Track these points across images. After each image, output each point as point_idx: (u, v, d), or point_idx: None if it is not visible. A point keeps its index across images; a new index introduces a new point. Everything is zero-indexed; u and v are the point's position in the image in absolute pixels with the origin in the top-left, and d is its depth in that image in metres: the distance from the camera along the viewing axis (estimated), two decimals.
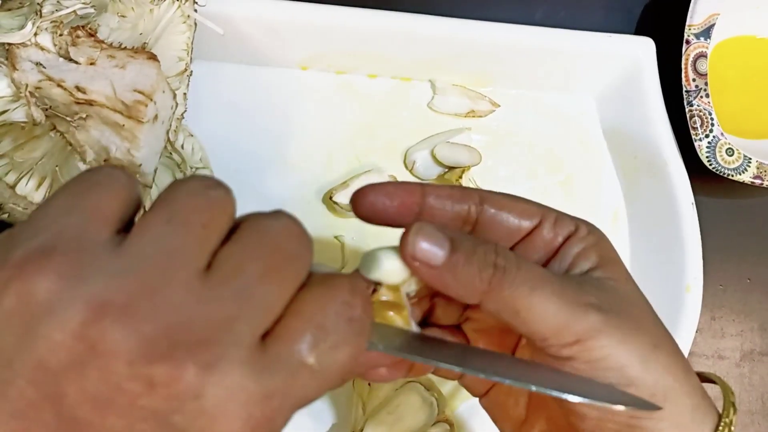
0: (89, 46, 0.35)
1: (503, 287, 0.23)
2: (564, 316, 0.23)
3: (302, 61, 0.44)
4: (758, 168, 0.45)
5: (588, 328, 0.23)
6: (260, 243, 0.19)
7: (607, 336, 0.23)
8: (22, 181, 0.35)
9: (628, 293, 0.26)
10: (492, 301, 0.23)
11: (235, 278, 0.18)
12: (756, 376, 0.48)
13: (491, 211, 0.26)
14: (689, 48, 0.45)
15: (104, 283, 0.16)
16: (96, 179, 0.19)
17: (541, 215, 0.26)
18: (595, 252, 0.26)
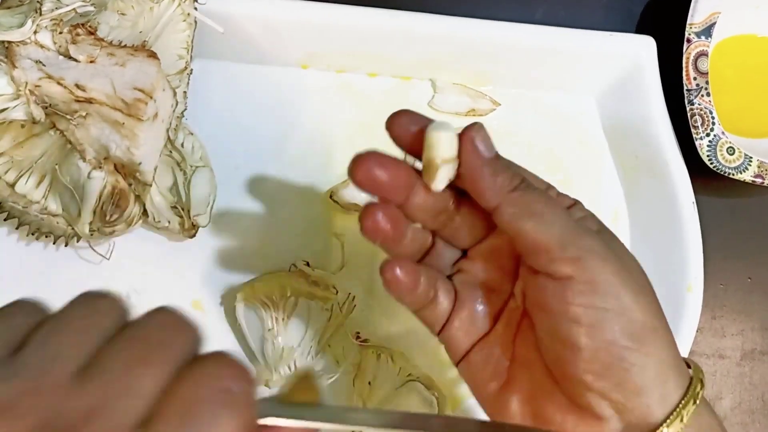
0: (89, 44, 0.34)
1: (526, 192, 0.27)
2: (570, 230, 0.26)
3: (302, 60, 0.44)
4: (759, 167, 0.45)
5: (590, 247, 0.25)
6: (129, 336, 0.20)
7: (605, 261, 0.25)
8: (21, 180, 0.35)
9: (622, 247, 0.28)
10: (512, 203, 0.27)
11: (103, 372, 0.19)
12: (757, 375, 0.48)
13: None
14: (690, 47, 0.45)
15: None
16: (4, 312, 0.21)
17: (545, 184, 0.30)
18: (594, 221, 0.28)
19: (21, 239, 0.40)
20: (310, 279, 0.40)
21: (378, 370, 0.40)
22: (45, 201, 0.36)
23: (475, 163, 0.27)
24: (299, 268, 0.41)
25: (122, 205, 0.36)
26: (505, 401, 0.29)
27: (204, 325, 0.40)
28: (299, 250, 0.42)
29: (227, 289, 0.41)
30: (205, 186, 0.40)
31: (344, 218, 0.43)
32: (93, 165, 0.35)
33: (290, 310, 0.39)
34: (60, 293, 0.42)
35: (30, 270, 0.40)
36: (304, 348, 0.40)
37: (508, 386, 0.29)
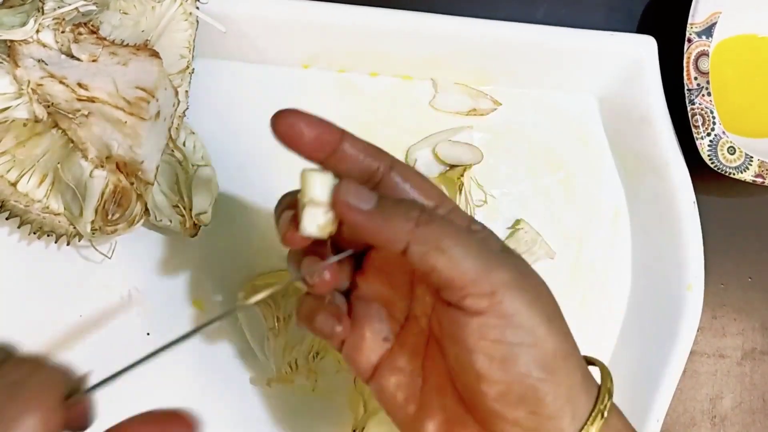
0: (91, 43, 0.35)
1: (430, 225, 0.24)
2: (483, 264, 0.24)
3: (304, 59, 0.44)
4: (760, 166, 0.45)
5: (503, 281, 0.25)
6: None
7: (519, 293, 0.25)
8: (23, 179, 0.35)
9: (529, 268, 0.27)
10: (418, 241, 0.24)
11: None
12: (757, 374, 0.48)
13: (396, 179, 0.27)
14: (691, 46, 0.45)
15: None
16: None
17: (438, 201, 0.27)
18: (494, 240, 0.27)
19: (23, 238, 0.40)
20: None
21: None
22: (47, 200, 0.36)
23: (360, 218, 0.25)
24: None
25: (124, 204, 0.36)
26: (421, 426, 0.28)
27: None
28: None
29: (228, 288, 0.41)
30: (206, 185, 0.40)
31: None
32: (95, 164, 0.35)
33: (291, 308, 0.39)
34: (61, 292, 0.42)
35: (31, 269, 0.40)
36: (305, 347, 0.40)
37: (422, 410, 0.28)
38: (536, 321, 0.25)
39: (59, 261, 0.40)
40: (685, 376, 0.45)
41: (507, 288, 0.25)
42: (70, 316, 0.40)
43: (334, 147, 0.26)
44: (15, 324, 0.39)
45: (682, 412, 0.47)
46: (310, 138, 0.26)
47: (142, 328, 0.40)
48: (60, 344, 0.39)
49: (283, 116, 0.26)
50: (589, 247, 0.47)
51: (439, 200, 0.27)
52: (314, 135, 0.26)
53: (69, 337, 0.40)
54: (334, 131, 0.27)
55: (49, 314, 0.39)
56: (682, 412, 0.47)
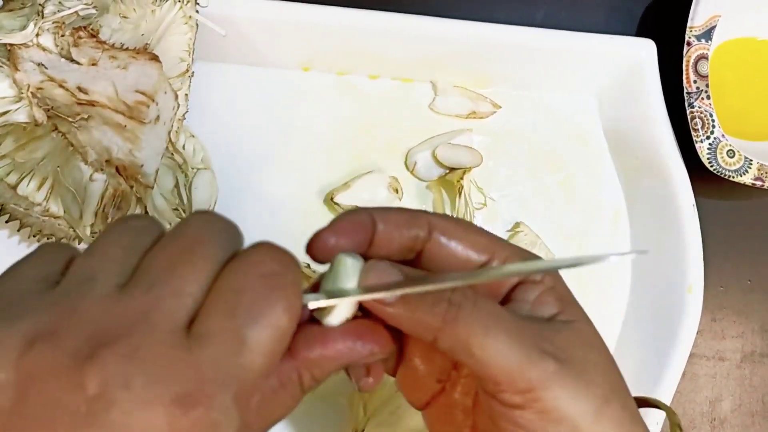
0: (91, 46, 0.35)
1: (457, 324, 0.22)
2: (518, 360, 0.22)
3: (303, 62, 0.44)
4: (759, 169, 0.45)
5: (542, 377, 0.22)
6: (168, 241, 0.20)
7: (561, 387, 0.22)
8: (23, 182, 0.35)
9: (588, 337, 0.25)
10: (446, 338, 0.23)
11: (145, 277, 0.19)
12: (757, 377, 0.48)
13: (440, 239, 0.25)
14: (690, 50, 0.45)
15: (33, 319, 0.18)
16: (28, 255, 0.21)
17: (491, 252, 0.25)
18: (553, 296, 0.25)
19: (23, 241, 0.40)
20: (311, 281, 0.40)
21: None
22: (47, 203, 0.36)
23: (384, 311, 0.23)
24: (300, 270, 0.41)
25: (124, 208, 0.36)
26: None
27: None
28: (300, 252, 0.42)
29: None
30: (206, 188, 0.40)
31: None
32: (95, 167, 0.35)
33: None
34: None
35: None
36: None
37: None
38: (581, 411, 0.23)
39: None
40: (684, 379, 0.45)
41: (548, 383, 0.22)
42: None
43: (370, 237, 0.24)
44: None
45: (682, 415, 0.47)
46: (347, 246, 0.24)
47: None
48: None
49: (315, 244, 0.24)
50: (589, 249, 0.47)
51: (491, 251, 0.25)
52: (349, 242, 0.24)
53: None
54: (364, 224, 0.24)
55: None
56: (681, 415, 0.47)
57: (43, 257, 0.20)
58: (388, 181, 0.44)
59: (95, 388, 0.17)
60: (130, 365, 0.17)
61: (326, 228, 0.24)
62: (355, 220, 0.24)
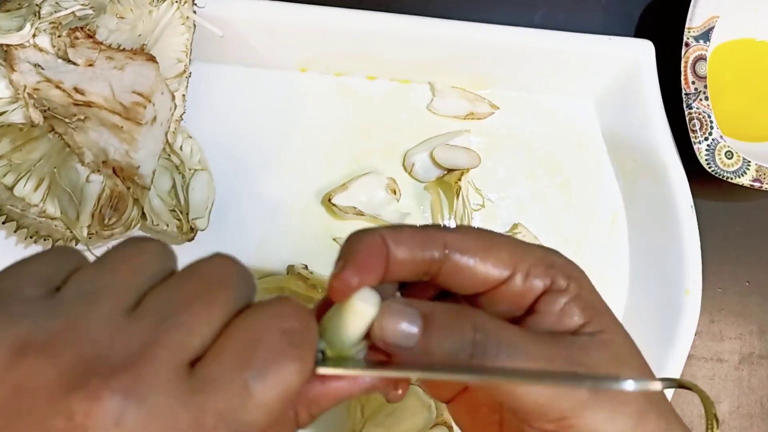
0: (88, 47, 0.35)
1: (485, 360, 0.21)
2: (550, 395, 0.21)
3: (301, 63, 0.44)
4: (757, 171, 0.45)
5: (575, 405, 0.22)
6: (188, 277, 0.19)
7: (594, 412, 0.22)
8: (20, 183, 0.35)
9: (619, 349, 0.24)
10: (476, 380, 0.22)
11: (157, 309, 0.18)
12: (755, 379, 0.48)
13: (456, 257, 0.23)
14: (688, 51, 0.45)
15: (28, 325, 0.17)
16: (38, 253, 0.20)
17: (512, 267, 0.23)
18: (578, 306, 0.24)
19: (19, 242, 0.40)
20: (308, 282, 0.40)
21: None
22: (43, 204, 0.36)
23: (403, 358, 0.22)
24: (298, 271, 0.41)
25: (120, 209, 0.36)
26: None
27: None
28: (297, 254, 0.42)
29: None
30: (203, 189, 0.40)
31: (342, 222, 0.43)
32: (91, 168, 0.35)
33: None
34: None
35: None
36: None
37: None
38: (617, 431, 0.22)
39: None
40: None
41: (580, 411, 0.22)
42: None
43: (386, 262, 0.23)
44: None
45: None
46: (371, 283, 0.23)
47: None
48: None
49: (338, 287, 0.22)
50: (587, 251, 0.47)
51: (512, 266, 0.23)
52: (371, 278, 0.22)
53: None
54: (380, 252, 0.23)
55: None
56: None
57: (51, 258, 0.19)
58: (386, 183, 0.44)
59: (83, 418, 0.16)
60: (125, 401, 0.16)
61: (346, 266, 0.22)
62: (370, 250, 0.23)
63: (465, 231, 0.24)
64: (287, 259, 0.42)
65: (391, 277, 0.23)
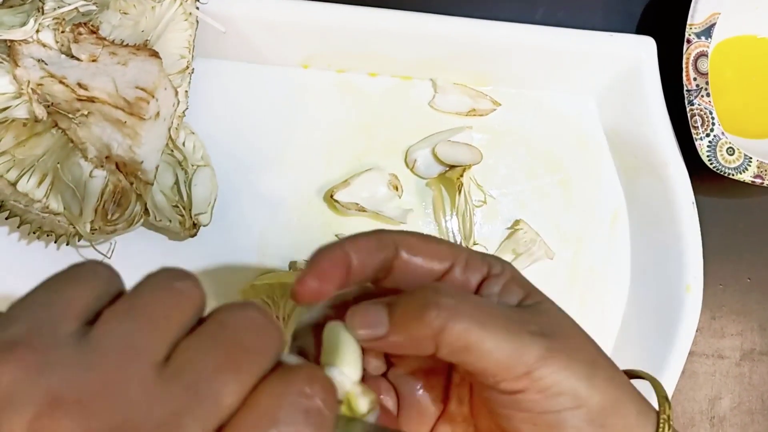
0: (91, 43, 0.35)
1: (454, 325, 0.23)
2: (515, 348, 0.23)
3: (303, 60, 0.44)
4: (759, 167, 0.45)
5: (536, 357, 0.23)
6: (219, 336, 0.19)
7: (554, 361, 0.24)
8: (23, 178, 0.35)
9: (558, 313, 0.26)
10: (445, 343, 0.23)
11: (188, 372, 0.18)
12: (756, 375, 0.48)
13: (405, 255, 0.26)
14: (690, 47, 0.45)
15: (61, 377, 0.17)
16: (74, 274, 0.20)
17: (452, 258, 0.26)
18: (516, 284, 0.26)
19: (22, 238, 0.40)
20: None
21: None
22: (46, 200, 0.36)
23: (382, 344, 0.24)
24: (300, 267, 0.41)
25: (123, 204, 0.36)
26: None
27: None
28: (299, 250, 0.43)
29: (228, 288, 0.41)
30: (206, 185, 0.40)
31: (344, 218, 0.43)
32: (95, 164, 0.35)
33: (291, 309, 0.39)
34: None
35: (31, 269, 0.40)
36: None
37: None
38: (576, 382, 0.24)
39: (59, 261, 0.40)
40: (683, 377, 0.45)
41: (541, 363, 0.24)
42: None
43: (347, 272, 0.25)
44: None
45: (681, 413, 0.47)
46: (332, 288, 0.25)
47: None
48: None
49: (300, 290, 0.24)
50: (588, 247, 0.47)
51: (451, 258, 0.26)
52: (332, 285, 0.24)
53: None
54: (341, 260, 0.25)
55: None
56: (680, 413, 0.47)
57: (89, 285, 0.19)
58: (388, 179, 0.44)
59: None
60: None
61: (308, 272, 0.24)
62: (332, 259, 0.25)
63: (410, 232, 0.26)
64: (289, 254, 0.42)
65: (354, 280, 0.25)
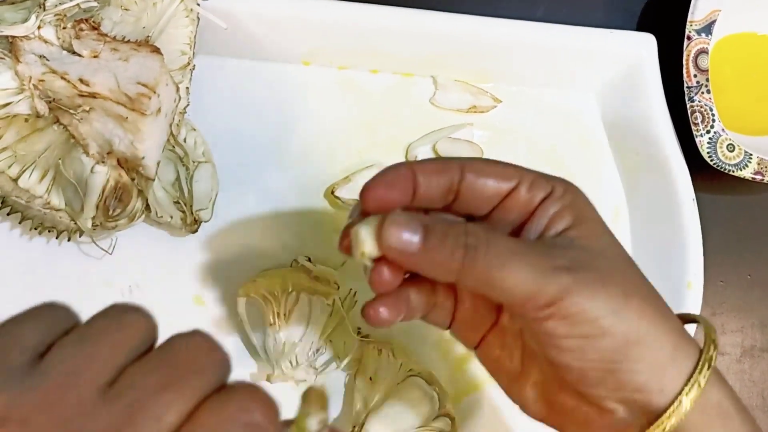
0: (93, 39, 0.35)
1: (476, 264, 0.25)
2: (535, 283, 0.25)
3: (304, 56, 0.44)
4: (759, 164, 0.46)
5: (559, 290, 0.25)
6: (163, 359, 0.20)
7: (578, 293, 0.25)
8: (25, 174, 0.35)
9: (599, 248, 0.27)
10: (467, 278, 0.26)
11: (131, 392, 0.18)
12: (756, 372, 0.49)
13: (471, 177, 0.28)
14: (690, 44, 0.45)
15: (8, 398, 0.17)
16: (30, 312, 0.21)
17: (518, 178, 0.28)
18: (569, 212, 0.28)
19: (24, 234, 0.40)
20: (312, 274, 0.41)
21: (379, 365, 0.40)
22: (48, 195, 0.36)
23: (407, 261, 0.26)
24: (301, 263, 0.41)
25: (125, 200, 0.36)
26: (521, 387, 0.30)
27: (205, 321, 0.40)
28: (301, 246, 0.43)
29: (229, 284, 0.41)
30: (207, 181, 0.40)
31: (346, 214, 0.43)
32: (96, 159, 0.35)
33: (292, 305, 0.40)
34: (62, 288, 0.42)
35: (32, 264, 0.40)
36: (305, 343, 0.40)
37: (522, 373, 0.30)
38: (600, 309, 0.25)
39: (60, 257, 0.40)
40: None
41: (565, 293, 0.25)
42: None
43: (413, 187, 0.27)
44: None
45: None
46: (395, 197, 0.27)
47: None
48: None
49: (367, 194, 0.27)
50: None
51: (518, 177, 0.28)
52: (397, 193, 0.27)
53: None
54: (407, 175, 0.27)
55: None
56: None
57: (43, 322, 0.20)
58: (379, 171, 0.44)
59: None
60: None
61: (375, 180, 0.27)
62: (399, 172, 0.27)
63: (476, 158, 0.29)
64: (290, 251, 0.42)
65: (421, 198, 0.27)
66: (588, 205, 0.29)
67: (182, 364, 0.19)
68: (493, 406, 0.43)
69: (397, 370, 0.40)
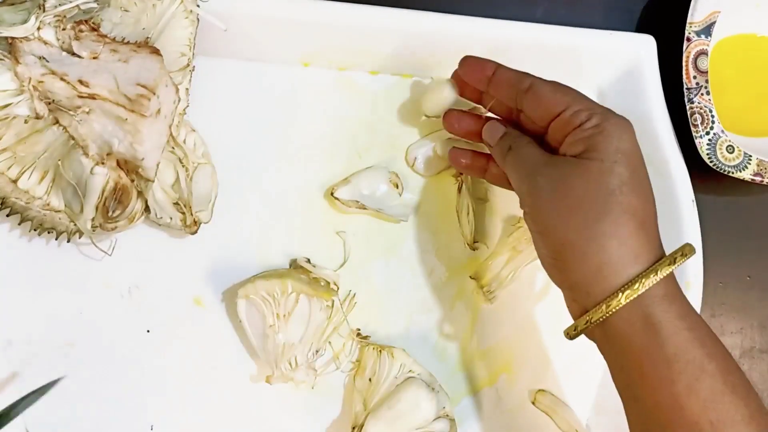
0: (92, 40, 0.35)
1: (505, 163, 0.37)
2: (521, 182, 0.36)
3: (304, 58, 0.44)
4: (758, 165, 0.46)
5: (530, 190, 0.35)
6: None
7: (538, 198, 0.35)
8: (24, 175, 0.35)
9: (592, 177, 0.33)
10: (500, 163, 0.38)
11: None
12: (755, 373, 0.49)
13: (535, 91, 0.36)
14: (690, 45, 0.45)
15: None
16: None
17: (566, 104, 0.35)
18: (584, 143, 0.34)
19: (23, 235, 0.40)
20: (311, 276, 0.41)
21: (378, 366, 0.40)
22: (48, 197, 0.36)
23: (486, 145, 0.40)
24: (300, 264, 0.41)
25: (124, 201, 0.36)
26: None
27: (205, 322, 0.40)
28: (300, 247, 0.43)
29: (228, 285, 0.41)
30: (206, 182, 0.40)
31: (344, 215, 0.44)
32: (96, 161, 0.35)
33: (291, 306, 0.40)
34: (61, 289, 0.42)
35: (32, 266, 0.40)
36: (304, 344, 0.40)
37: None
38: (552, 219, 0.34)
39: (60, 258, 0.40)
40: None
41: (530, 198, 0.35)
42: (70, 312, 0.40)
43: (492, 74, 0.39)
44: (15, 320, 0.39)
45: None
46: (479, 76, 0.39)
47: (142, 325, 0.40)
48: (60, 341, 0.40)
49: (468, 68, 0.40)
50: None
51: (566, 104, 0.35)
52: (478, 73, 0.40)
53: (69, 334, 0.40)
54: (487, 63, 0.39)
55: (49, 311, 0.40)
56: None
57: None
58: (389, 176, 0.44)
59: None
60: None
61: (472, 57, 0.40)
62: (488, 61, 0.39)
63: (546, 80, 0.37)
64: (290, 252, 0.42)
65: (492, 91, 0.39)
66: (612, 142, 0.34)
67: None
68: (493, 407, 0.43)
69: (396, 372, 0.40)
